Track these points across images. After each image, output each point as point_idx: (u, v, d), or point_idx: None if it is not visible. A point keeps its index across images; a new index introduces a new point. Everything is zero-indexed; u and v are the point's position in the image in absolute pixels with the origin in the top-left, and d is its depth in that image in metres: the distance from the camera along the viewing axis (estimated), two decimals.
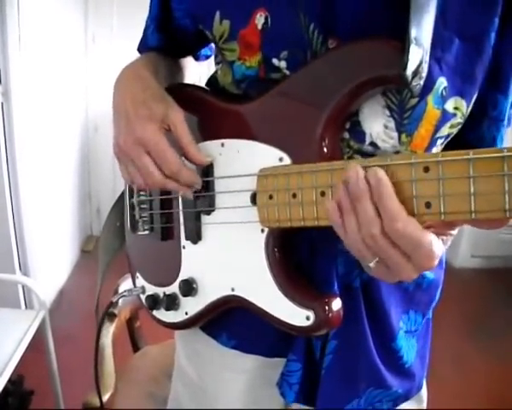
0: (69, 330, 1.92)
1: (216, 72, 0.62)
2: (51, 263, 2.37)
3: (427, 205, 0.38)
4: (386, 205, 0.38)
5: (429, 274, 0.60)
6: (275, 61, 0.50)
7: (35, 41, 2.06)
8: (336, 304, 0.49)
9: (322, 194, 0.45)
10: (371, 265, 0.41)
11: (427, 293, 0.61)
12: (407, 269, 0.39)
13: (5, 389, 1.40)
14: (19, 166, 1.92)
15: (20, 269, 2.03)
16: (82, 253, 2.98)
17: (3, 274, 1.46)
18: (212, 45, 0.69)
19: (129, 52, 0.69)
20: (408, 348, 0.61)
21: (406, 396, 0.62)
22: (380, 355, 0.57)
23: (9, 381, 1.44)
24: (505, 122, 0.54)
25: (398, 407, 0.63)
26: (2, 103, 1.83)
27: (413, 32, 0.41)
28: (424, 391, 0.67)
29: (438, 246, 0.38)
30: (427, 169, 0.38)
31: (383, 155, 0.47)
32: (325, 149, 0.48)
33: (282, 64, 0.50)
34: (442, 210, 0.37)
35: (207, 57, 0.74)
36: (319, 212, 0.45)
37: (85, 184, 3.12)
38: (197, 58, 0.73)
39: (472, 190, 0.36)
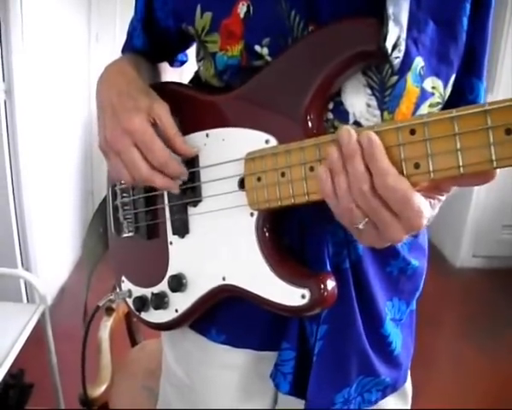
0: (70, 327, 1.93)
1: (198, 69, 0.62)
2: (53, 260, 2.39)
3: (416, 166, 0.39)
4: (377, 163, 0.39)
5: (414, 261, 0.60)
6: (257, 48, 0.51)
7: (38, 40, 2.08)
8: (331, 281, 0.50)
9: (311, 169, 0.46)
10: (360, 226, 0.42)
11: (411, 281, 0.62)
12: (396, 228, 0.40)
13: (6, 382, 1.43)
14: (21, 164, 1.94)
15: (23, 265, 2.05)
16: None
17: (4, 268, 1.47)
18: (187, 52, 0.71)
19: None
20: (395, 336, 0.61)
21: (394, 386, 0.63)
22: (369, 341, 0.58)
23: (10, 375, 1.46)
24: None
25: (384, 408, 0.63)
26: (5, 101, 1.85)
27: (390, 9, 0.42)
28: (409, 386, 0.67)
29: (426, 206, 0.40)
30: (413, 132, 0.39)
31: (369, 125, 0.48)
32: (310, 129, 0.49)
33: (265, 51, 0.51)
34: (431, 169, 0.39)
35: (182, 63, 0.75)
36: (309, 187, 0.46)
37: (88, 181, 3.14)
38: (172, 64, 0.73)
39: (458, 146, 0.37)
